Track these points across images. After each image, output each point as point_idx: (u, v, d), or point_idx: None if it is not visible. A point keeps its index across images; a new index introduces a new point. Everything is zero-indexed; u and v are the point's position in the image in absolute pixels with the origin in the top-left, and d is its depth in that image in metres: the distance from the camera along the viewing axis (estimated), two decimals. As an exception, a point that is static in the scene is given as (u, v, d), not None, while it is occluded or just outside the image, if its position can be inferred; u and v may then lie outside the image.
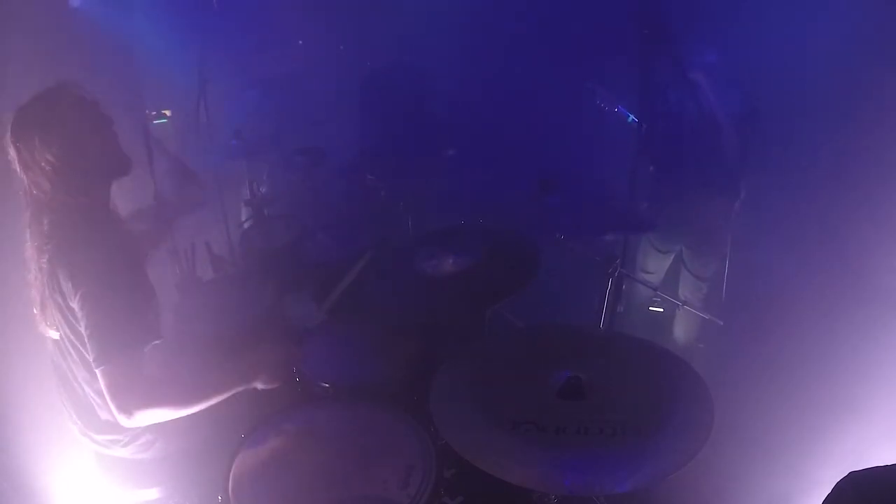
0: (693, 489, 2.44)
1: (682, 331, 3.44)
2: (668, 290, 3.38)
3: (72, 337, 1.78)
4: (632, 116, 3.43)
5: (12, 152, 1.75)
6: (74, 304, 1.69)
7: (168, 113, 3.98)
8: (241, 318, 2.53)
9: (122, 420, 1.67)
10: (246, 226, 3.70)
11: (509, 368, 1.86)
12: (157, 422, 1.71)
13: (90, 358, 1.67)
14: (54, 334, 1.86)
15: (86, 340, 1.68)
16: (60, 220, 1.77)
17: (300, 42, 5.02)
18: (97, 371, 1.66)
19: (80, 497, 2.37)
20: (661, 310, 3.62)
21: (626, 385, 1.74)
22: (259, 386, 1.88)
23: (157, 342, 1.74)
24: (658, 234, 3.24)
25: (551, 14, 4.37)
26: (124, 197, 2.04)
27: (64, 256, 1.71)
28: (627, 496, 1.44)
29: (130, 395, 1.64)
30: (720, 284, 3.27)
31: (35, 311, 1.89)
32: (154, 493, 1.98)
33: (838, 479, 1.14)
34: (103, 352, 1.64)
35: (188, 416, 1.84)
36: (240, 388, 1.83)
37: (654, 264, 3.39)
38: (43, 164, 1.73)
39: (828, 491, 1.15)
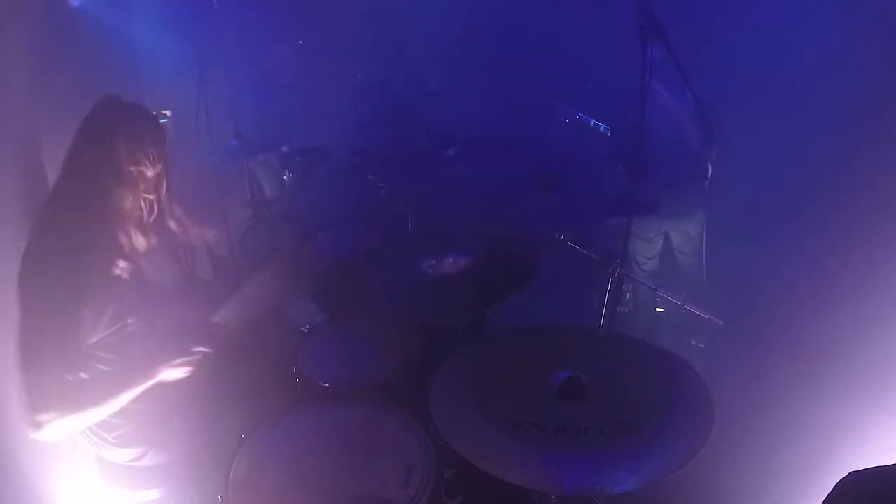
0: (693, 489, 2.44)
1: (681, 330, 3.45)
2: (667, 276, 3.59)
3: None
4: (602, 125, 3.69)
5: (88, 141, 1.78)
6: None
7: (168, 113, 3.98)
8: (241, 317, 2.53)
9: (31, 431, 1.59)
10: (246, 226, 3.70)
11: (509, 368, 1.86)
12: (66, 432, 1.63)
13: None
14: None
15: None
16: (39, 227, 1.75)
17: (300, 42, 5.03)
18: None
19: (79, 498, 2.37)
20: (662, 310, 3.63)
21: (626, 385, 1.74)
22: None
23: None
24: (641, 223, 3.42)
25: (551, 15, 4.39)
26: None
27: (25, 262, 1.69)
28: (627, 496, 1.44)
29: (42, 410, 1.57)
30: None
31: None
32: (154, 493, 1.98)
33: (839, 479, 1.14)
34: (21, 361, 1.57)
35: (180, 425, 1.83)
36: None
37: (647, 251, 3.59)
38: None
39: (828, 491, 1.15)
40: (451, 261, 2.57)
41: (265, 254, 3.30)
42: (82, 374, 1.67)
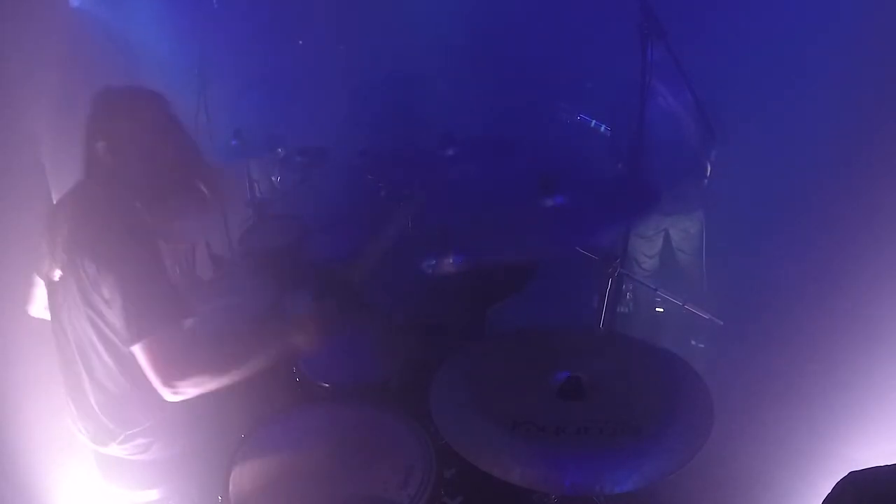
0: (693, 489, 2.44)
1: (682, 330, 3.46)
2: (667, 275, 3.63)
3: (93, 335, 1.77)
4: (603, 126, 3.70)
5: (99, 134, 1.79)
6: (104, 292, 1.68)
7: (168, 113, 3.98)
8: (241, 317, 2.53)
9: (167, 394, 1.66)
10: (246, 226, 3.70)
11: (509, 368, 1.86)
12: (202, 392, 1.70)
13: (127, 337, 1.65)
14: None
15: (121, 322, 1.66)
16: (85, 210, 1.77)
17: (300, 42, 5.03)
18: (136, 348, 1.64)
19: (79, 498, 2.37)
20: (662, 310, 3.63)
21: (626, 385, 1.74)
22: (300, 342, 1.91)
23: (192, 319, 1.74)
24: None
25: (551, 15, 4.39)
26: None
27: (87, 245, 1.70)
28: (627, 496, 1.44)
29: (173, 365, 1.64)
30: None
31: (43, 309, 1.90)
32: (154, 493, 1.98)
33: (838, 479, 1.14)
34: (142, 326, 1.63)
35: (186, 418, 1.83)
36: (279, 346, 1.86)
37: (647, 249, 3.62)
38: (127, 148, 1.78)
39: (827, 490, 1.15)
40: (451, 261, 2.57)
41: (265, 254, 3.30)
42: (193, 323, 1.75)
